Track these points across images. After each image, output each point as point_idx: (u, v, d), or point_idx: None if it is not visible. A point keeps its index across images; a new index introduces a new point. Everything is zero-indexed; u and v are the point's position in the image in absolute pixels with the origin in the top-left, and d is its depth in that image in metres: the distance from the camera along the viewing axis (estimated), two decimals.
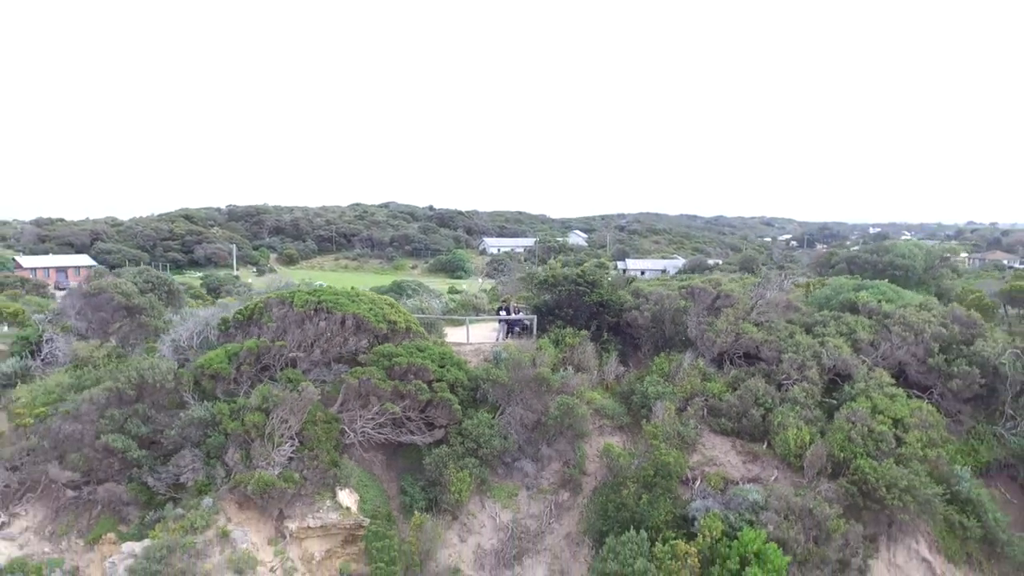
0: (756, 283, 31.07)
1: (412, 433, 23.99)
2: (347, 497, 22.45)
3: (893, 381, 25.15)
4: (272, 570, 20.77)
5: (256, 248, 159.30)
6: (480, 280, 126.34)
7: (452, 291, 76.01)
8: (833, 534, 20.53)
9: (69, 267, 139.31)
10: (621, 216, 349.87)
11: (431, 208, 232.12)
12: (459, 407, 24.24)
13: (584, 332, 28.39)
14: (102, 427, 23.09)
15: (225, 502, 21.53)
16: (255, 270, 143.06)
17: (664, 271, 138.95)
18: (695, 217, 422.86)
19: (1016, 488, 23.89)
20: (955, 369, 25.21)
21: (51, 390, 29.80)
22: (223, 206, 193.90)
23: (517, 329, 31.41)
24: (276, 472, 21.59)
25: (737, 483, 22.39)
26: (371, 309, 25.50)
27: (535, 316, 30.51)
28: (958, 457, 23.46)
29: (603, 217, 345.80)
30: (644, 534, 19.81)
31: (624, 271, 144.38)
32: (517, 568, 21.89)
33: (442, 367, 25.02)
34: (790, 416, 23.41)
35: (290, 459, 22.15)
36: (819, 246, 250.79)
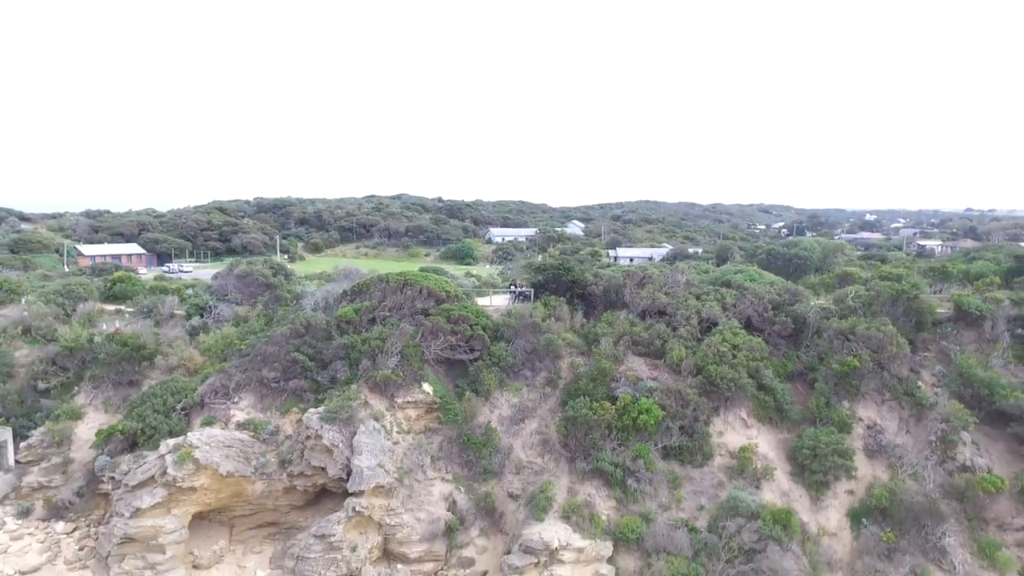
0: (671, 270, 48.96)
1: (461, 354, 41.95)
2: (427, 387, 40.41)
3: (741, 326, 42.94)
4: (389, 422, 38.73)
5: (285, 237, 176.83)
6: (488, 267, 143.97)
7: (467, 275, 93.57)
8: (690, 403, 38.41)
9: (123, 255, 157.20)
10: (619, 205, 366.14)
11: (440, 200, 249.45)
12: (488, 340, 42.15)
13: (562, 298, 46.42)
14: (289, 348, 41.09)
15: (362, 388, 39.47)
16: (287, 257, 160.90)
17: (651, 258, 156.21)
18: (693, 205, 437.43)
19: (805, 384, 41.46)
20: (777, 319, 43.03)
21: (226, 336, 47.94)
22: (251, 198, 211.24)
23: (521, 297, 49.34)
24: (389, 371, 39.52)
25: (643, 380, 40.21)
26: (436, 283, 43.54)
27: (532, 289, 48.50)
28: (772, 366, 41.21)
29: (601, 206, 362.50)
30: (587, 399, 37.81)
31: (615, 258, 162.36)
32: (521, 424, 39.86)
33: (477, 317, 42.93)
34: (676, 344, 41.27)
35: (396, 365, 40.04)
36: (809, 234, 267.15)
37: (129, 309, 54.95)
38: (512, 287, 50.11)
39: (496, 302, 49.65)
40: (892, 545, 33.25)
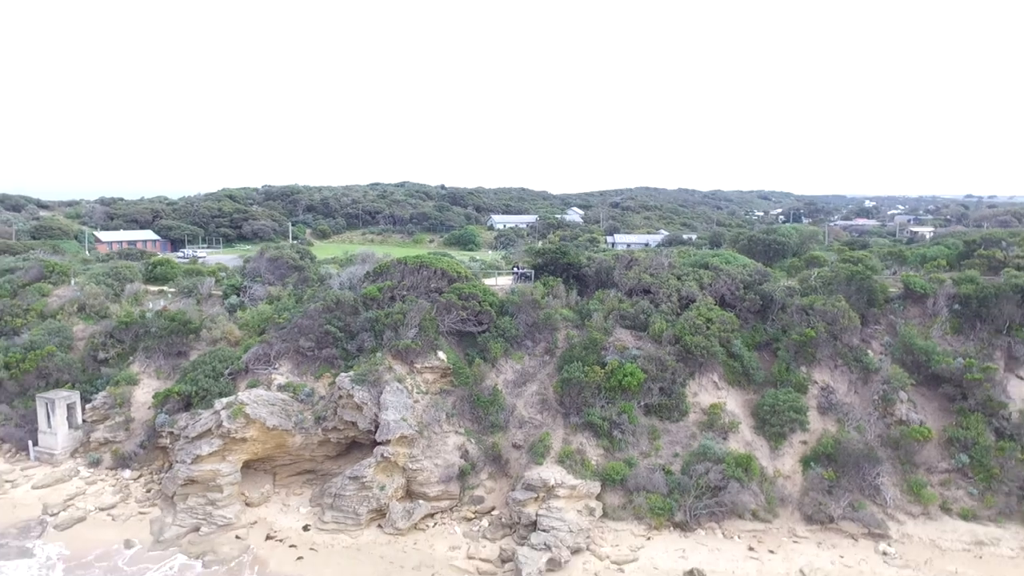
0: (655, 254, 55.08)
1: (471, 327, 48.15)
2: (442, 355, 46.65)
3: (715, 303, 49.06)
4: (410, 384, 44.97)
5: (293, 224, 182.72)
6: (490, 252, 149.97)
7: (472, 260, 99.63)
8: (669, 368, 44.64)
9: (138, 241, 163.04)
10: (619, 192, 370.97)
11: (442, 187, 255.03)
12: (494, 314, 48.31)
13: (559, 279, 52.59)
14: (322, 321, 47.30)
15: (386, 355, 45.67)
16: (296, 243, 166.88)
17: (647, 244, 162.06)
18: (693, 191, 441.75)
19: (770, 352, 47.62)
20: (747, 296, 49.16)
21: (261, 312, 54.11)
22: (259, 186, 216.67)
23: (523, 278, 55.48)
24: (409, 341, 45.72)
25: (629, 348, 46.40)
26: (449, 265, 49.69)
27: (533, 271, 54.63)
28: (741, 337, 47.35)
29: (601, 193, 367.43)
30: (580, 364, 44.06)
31: (613, 244, 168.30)
32: (523, 387, 46.11)
33: (485, 295, 49.08)
34: (658, 318, 47.45)
35: (415, 336, 46.23)
36: (805, 220, 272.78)
37: (171, 289, 61.14)
38: (515, 269, 56.32)
39: (501, 282, 55.91)
40: (833, 482, 39.60)
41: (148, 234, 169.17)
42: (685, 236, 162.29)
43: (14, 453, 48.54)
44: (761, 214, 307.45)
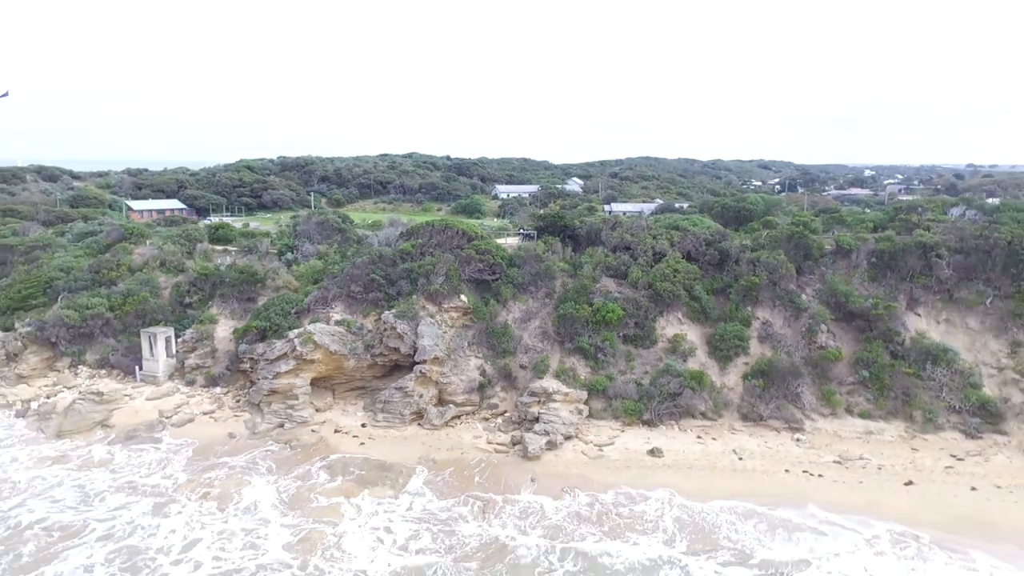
0: (635, 217, 66.90)
1: (486, 276, 60.31)
2: (463, 298, 58.85)
3: (682, 257, 61.07)
4: (440, 320, 57.25)
5: (309, 193, 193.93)
6: (495, 220, 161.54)
7: (481, 225, 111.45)
8: (642, 307, 56.86)
9: (167, 210, 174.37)
10: (619, 162, 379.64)
11: (448, 158, 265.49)
12: (505, 266, 60.41)
13: (557, 238, 64.61)
14: (368, 271, 59.43)
15: (420, 297, 57.89)
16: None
17: (641, 212, 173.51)
18: (693, 161, 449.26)
19: (725, 295, 59.62)
20: (708, 252, 61.17)
21: (313, 266, 66.36)
22: (275, 157, 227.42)
23: (527, 237, 67.42)
24: (438, 286, 57.88)
25: (612, 292, 58.56)
26: (469, 226, 61.75)
27: (535, 231, 66.58)
28: (702, 284, 59.37)
29: (602, 163, 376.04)
30: (573, 303, 56.32)
31: (610, 212, 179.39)
32: (528, 322, 58.40)
33: (497, 250, 61.14)
34: (635, 268, 59.54)
35: (442, 282, 58.37)
36: (800, 190, 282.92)
37: (233, 248, 73.26)
38: (520, 230, 68.37)
39: (510, 241, 68.02)
40: (764, 390, 52.03)
41: (175, 203, 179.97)
42: (677, 205, 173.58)
43: (123, 376, 61.01)
44: (759, 183, 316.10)
